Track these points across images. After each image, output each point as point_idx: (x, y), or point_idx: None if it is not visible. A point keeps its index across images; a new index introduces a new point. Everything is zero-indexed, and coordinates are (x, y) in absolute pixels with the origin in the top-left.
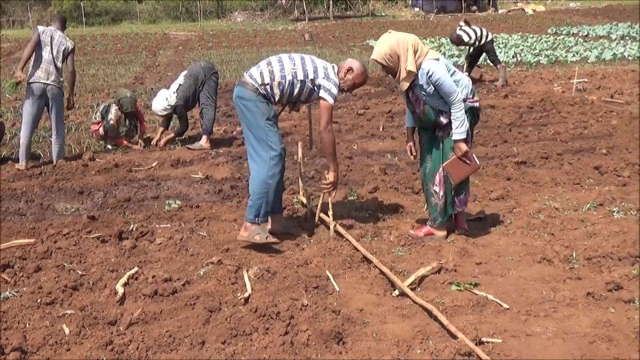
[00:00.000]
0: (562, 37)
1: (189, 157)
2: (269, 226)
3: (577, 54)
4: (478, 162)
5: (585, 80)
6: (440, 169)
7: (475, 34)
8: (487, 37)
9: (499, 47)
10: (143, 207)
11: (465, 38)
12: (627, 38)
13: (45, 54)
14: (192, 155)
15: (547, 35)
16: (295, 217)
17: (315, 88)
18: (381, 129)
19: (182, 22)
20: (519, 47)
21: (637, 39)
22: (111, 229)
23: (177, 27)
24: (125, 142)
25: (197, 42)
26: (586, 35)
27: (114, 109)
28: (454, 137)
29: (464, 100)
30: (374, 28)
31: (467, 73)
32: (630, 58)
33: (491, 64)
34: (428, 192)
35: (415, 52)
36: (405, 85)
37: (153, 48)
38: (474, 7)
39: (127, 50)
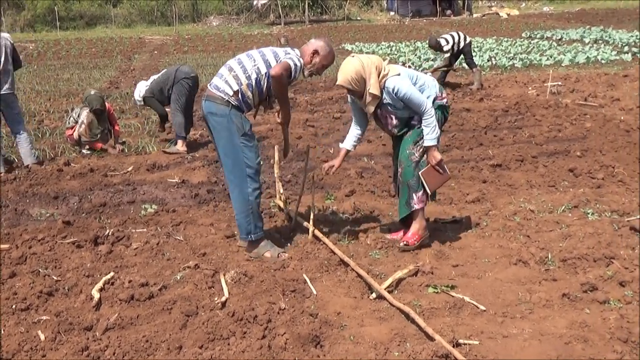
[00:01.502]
0: (536, 40)
1: (165, 161)
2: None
3: (551, 57)
4: (449, 172)
5: (559, 83)
6: (399, 169)
7: (453, 39)
8: (465, 40)
9: (473, 51)
10: (119, 211)
11: (443, 43)
12: (600, 42)
13: None
14: (168, 160)
15: (522, 39)
16: (272, 221)
17: None
18: None
19: (158, 26)
20: (493, 50)
21: (610, 42)
22: (87, 234)
23: (153, 31)
24: (100, 146)
25: (172, 46)
26: (560, 39)
27: (85, 112)
28: (426, 143)
29: (435, 99)
30: (350, 32)
31: (441, 77)
32: (603, 61)
33: (467, 67)
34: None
35: (378, 74)
36: (371, 108)
37: (128, 52)
38: (449, 11)
39: (102, 55)
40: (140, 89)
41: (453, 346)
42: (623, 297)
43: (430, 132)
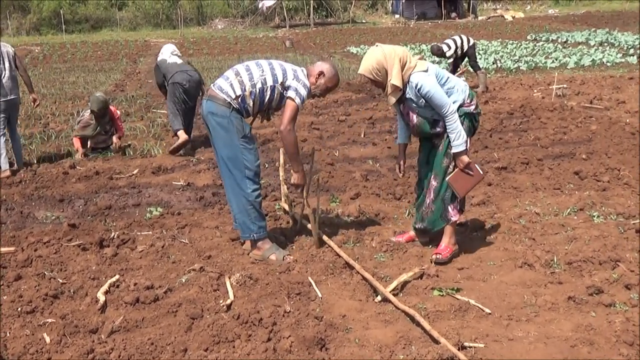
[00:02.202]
0: (541, 43)
1: (170, 164)
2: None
3: (556, 60)
4: (482, 172)
5: (565, 86)
6: (432, 177)
7: (455, 43)
8: (468, 43)
9: (478, 54)
10: (124, 214)
11: (445, 49)
12: (605, 44)
13: (2, 71)
14: (174, 163)
15: (527, 42)
16: (278, 224)
17: (284, 91)
18: (362, 136)
19: (163, 29)
20: (498, 53)
21: (616, 45)
22: (92, 237)
23: (158, 34)
24: (78, 146)
25: (177, 49)
26: (565, 42)
27: (88, 112)
28: (453, 150)
29: (461, 106)
30: (355, 35)
31: None
32: (608, 64)
33: (471, 69)
34: (422, 198)
35: (403, 66)
36: (392, 100)
37: (133, 55)
38: (454, 14)
39: (108, 58)
40: (164, 53)
41: (458, 349)
42: (629, 300)
43: (455, 137)
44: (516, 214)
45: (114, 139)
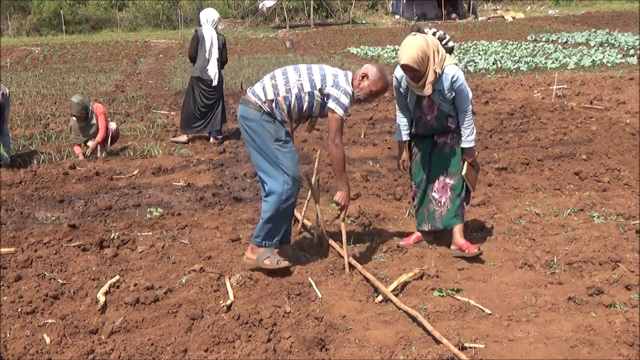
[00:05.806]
0: (541, 44)
1: (170, 164)
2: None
3: (556, 60)
4: (479, 165)
5: (565, 86)
6: (442, 176)
7: (438, 31)
8: (447, 42)
9: (479, 54)
10: (124, 215)
11: (427, 30)
12: (605, 45)
13: None
14: (174, 163)
15: (527, 42)
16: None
17: (325, 99)
18: (363, 136)
19: (163, 30)
20: (499, 54)
21: (616, 45)
22: (92, 238)
23: (158, 35)
24: (79, 151)
25: (178, 49)
26: (565, 42)
27: (73, 118)
28: (466, 145)
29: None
30: (355, 35)
31: None
32: (608, 64)
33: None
34: (425, 199)
35: (438, 54)
36: (429, 90)
37: (134, 56)
38: (454, 15)
39: (108, 58)
40: (208, 17)
41: (459, 350)
42: (629, 300)
43: (470, 133)
44: (516, 215)
45: (91, 145)
